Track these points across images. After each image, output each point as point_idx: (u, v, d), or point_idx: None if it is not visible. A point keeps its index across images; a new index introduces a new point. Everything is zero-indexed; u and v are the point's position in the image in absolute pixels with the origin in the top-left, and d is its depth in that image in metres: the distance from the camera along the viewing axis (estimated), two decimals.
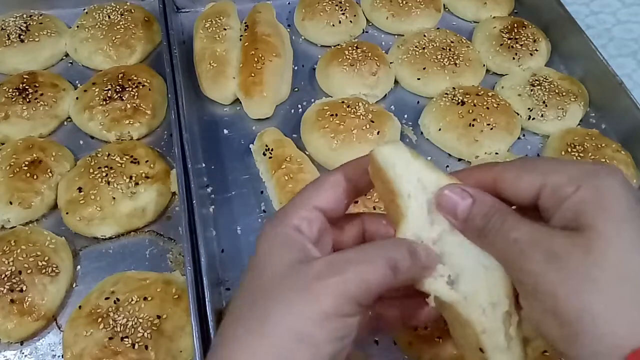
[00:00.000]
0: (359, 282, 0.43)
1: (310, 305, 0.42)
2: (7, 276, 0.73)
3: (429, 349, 0.71)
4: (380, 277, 0.43)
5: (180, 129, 0.84)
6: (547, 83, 1.00)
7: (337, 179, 0.50)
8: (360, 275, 0.43)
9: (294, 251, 0.46)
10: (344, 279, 0.43)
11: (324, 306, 0.42)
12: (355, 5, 1.14)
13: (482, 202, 0.46)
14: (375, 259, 0.44)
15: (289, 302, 0.42)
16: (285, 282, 0.44)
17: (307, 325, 0.41)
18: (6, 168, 0.85)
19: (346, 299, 0.42)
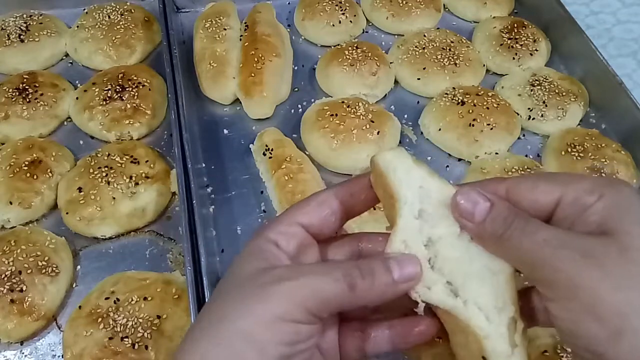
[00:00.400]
0: (312, 291, 0.44)
1: (263, 307, 0.43)
2: (7, 276, 0.73)
3: (429, 349, 0.71)
4: (335, 291, 0.44)
5: (180, 129, 0.84)
6: (547, 83, 1.00)
7: (325, 197, 0.51)
8: (314, 284, 0.44)
9: (262, 260, 0.47)
10: (298, 284, 0.43)
11: (274, 309, 0.43)
12: (355, 5, 1.15)
13: (501, 206, 0.46)
14: (331, 272, 0.45)
15: (243, 304, 0.44)
16: (244, 285, 0.45)
17: (256, 327, 0.42)
18: (6, 168, 0.85)
19: (297, 305, 0.43)
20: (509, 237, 0.44)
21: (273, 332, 0.42)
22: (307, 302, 0.43)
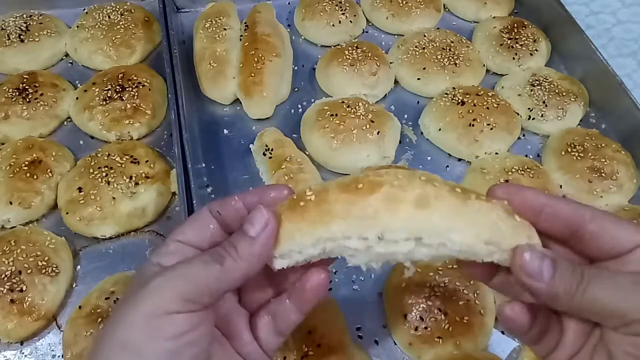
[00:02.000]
0: (184, 278, 0.44)
1: (134, 310, 0.43)
2: (7, 276, 0.73)
3: (429, 349, 0.71)
4: (206, 273, 0.44)
5: (180, 129, 0.84)
6: (547, 83, 1.00)
7: (199, 215, 0.51)
8: (184, 272, 0.44)
9: (142, 280, 0.46)
10: (168, 277, 0.44)
11: (146, 307, 0.42)
12: (355, 5, 1.15)
13: (565, 263, 0.44)
14: (199, 257, 0.45)
15: (118, 315, 0.44)
16: (122, 302, 0.45)
17: (131, 331, 0.42)
18: (6, 168, 0.85)
19: (171, 297, 0.43)
20: (584, 290, 0.43)
21: (149, 330, 0.42)
22: (181, 291, 0.43)
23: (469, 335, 0.71)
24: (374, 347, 0.74)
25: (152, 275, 0.44)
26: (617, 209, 0.85)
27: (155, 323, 0.42)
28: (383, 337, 0.74)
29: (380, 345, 0.74)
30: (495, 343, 0.75)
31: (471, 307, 0.72)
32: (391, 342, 0.74)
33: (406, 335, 0.72)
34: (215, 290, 0.45)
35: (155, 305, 0.42)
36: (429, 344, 0.71)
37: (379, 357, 0.73)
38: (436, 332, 0.71)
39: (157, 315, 0.42)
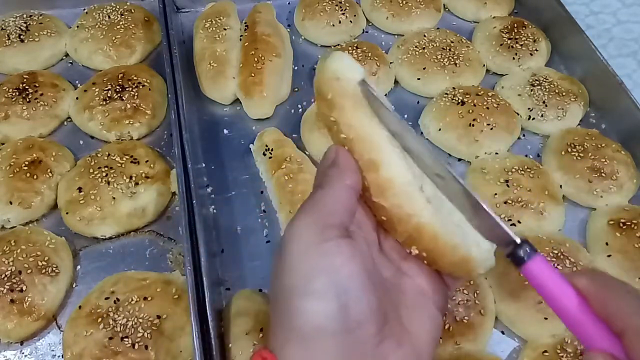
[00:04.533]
0: (310, 208, 0.45)
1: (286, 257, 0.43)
2: (7, 276, 0.73)
3: None
4: (320, 196, 0.45)
5: (180, 129, 0.84)
6: (547, 83, 1.00)
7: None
8: (308, 203, 0.45)
9: None
10: (302, 213, 0.45)
11: (293, 248, 0.43)
12: (355, 5, 1.14)
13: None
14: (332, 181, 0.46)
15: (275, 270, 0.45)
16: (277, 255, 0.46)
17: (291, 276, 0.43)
18: (6, 168, 0.85)
19: (310, 229, 0.43)
20: None
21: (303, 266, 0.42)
22: (319, 221, 0.44)
23: (469, 335, 0.71)
24: None
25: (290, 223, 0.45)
26: (617, 209, 0.85)
27: (311, 260, 0.42)
28: None
29: None
30: (495, 343, 0.75)
31: (471, 307, 0.72)
32: None
33: None
34: (336, 210, 0.45)
35: (301, 243, 0.43)
36: None
37: None
38: None
39: (308, 251, 0.43)
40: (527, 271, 0.45)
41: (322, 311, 0.41)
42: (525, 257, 0.45)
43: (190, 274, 0.70)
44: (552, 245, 0.78)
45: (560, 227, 0.86)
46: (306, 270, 0.42)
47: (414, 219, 0.47)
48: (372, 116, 0.48)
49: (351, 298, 0.42)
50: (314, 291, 0.41)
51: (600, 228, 0.83)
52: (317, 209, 0.45)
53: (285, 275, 0.43)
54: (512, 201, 0.83)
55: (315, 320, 0.41)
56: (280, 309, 0.43)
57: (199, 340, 0.64)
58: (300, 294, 0.42)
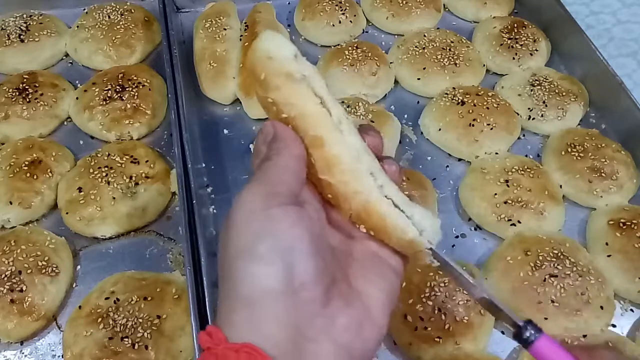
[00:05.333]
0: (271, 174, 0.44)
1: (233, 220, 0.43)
2: (7, 276, 0.73)
3: (429, 349, 0.71)
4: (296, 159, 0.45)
5: (180, 129, 0.85)
6: (547, 83, 1.00)
7: None
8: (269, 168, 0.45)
9: None
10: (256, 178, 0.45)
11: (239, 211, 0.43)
12: (355, 5, 1.14)
13: None
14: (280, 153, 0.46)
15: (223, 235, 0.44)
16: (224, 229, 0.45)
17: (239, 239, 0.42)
18: (6, 168, 0.85)
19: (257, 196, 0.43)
20: None
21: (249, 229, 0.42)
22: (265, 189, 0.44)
23: (469, 335, 0.71)
24: None
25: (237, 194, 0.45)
26: (617, 209, 0.85)
27: (257, 225, 0.42)
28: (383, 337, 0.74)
29: (380, 345, 0.74)
30: (495, 343, 0.75)
31: (471, 307, 0.72)
32: (391, 342, 0.74)
33: (406, 335, 0.71)
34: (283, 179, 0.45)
35: (247, 210, 0.43)
36: (429, 344, 0.71)
37: (378, 357, 0.73)
38: (436, 332, 0.71)
39: (254, 218, 0.42)
40: (536, 351, 0.46)
41: (267, 273, 0.40)
42: (532, 338, 0.46)
43: (190, 274, 0.70)
44: (552, 245, 0.78)
45: (560, 227, 0.86)
46: (251, 235, 0.42)
47: (361, 196, 0.46)
48: (310, 92, 0.47)
49: (296, 259, 0.41)
50: (259, 254, 0.41)
51: (600, 228, 0.83)
52: (266, 179, 0.44)
53: (230, 242, 0.42)
54: (512, 201, 0.83)
55: (260, 282, 0.40)
56: (225, 277, 0.42)
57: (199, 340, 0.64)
58: (245, 258, 0.41)
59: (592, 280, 0.75)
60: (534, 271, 0.75)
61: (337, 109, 0.47)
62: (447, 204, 0.89)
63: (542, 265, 0.76)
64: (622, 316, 0.78)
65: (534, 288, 0.74)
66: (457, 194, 0.89)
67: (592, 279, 0.75)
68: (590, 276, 0.75)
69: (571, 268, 0.75)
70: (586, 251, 0.81)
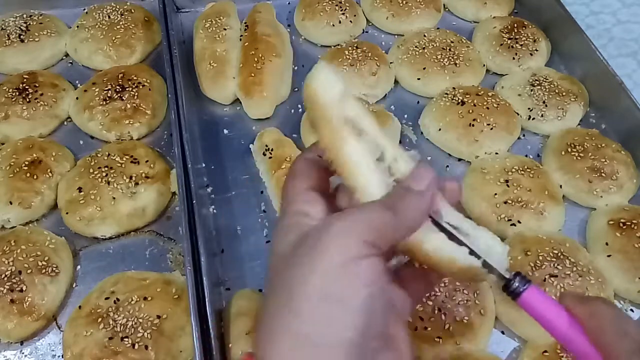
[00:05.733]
0: (364, 223, 0.43)
1: (323, 260, 0.41)
2: (7, 276, 0.73)
3: (429, 349, 0.71)
4: (382, 218, 0.43)
5: (180, 129, 0.84)
6: (547, 83, 1.00)
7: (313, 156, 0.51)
8: (363, 217, 0.43)
9: (297, 230, 0.45)
10: (349, 222, 0.42)
11: (333, 255, 0.41)
12: (355, 5, 1.15)
13: None
14: (372, 204, 0.45)
15: (303, 266, 0.41)
16: (291, 256, 0.43)
17: (325, 280, 0.40)
18: (6, 168, 0.85)
19: (357, 240, 0.41)
20: None
21: (348, 278, 0.40)
22: (365, 235, 0.42)
23: (469, 335, 0.71)
24: None
25: (330, 222, 0.43)
26: (617, 209, 0.85)
27: (351, 269, 0.41)
28: None
29: None
30: (495, 343, 0.75)
31: (471, 307, 0.72)
32: None
33: None
34: (390, 237, 0.44)
35: (344, 250, 0.41)
36: (429, 344, 0.71)
37: None
38: (436, 332, 0.71)
39: (347, 261, 0.41)
40: (524, 302, 0.47)
41: (351, 324, 0.40)
42: (520, 288, 0.47)
43: (190, 274, 0.70)
44: (552, 245, 0.78)
45: (560, 227, 0.86)
46: (339, 279, 0.40)
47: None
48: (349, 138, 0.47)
49: (377, 310, 0.41)
50: (349, 303, 0.40)
51: (600, 228, 0.83)
52: (375, 226, 0.43)
53: (314, 276, 0.40)
54: (512, 201, 0.83)
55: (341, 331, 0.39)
56: (297, 309, 0.40)
57: (199, 340, 0.64)
58: (329, 301, 0.40)
59: (592, 280, 0.75)
60: (534, 271, 0.75)
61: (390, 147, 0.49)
62: None
63: (542, 265, 0.76)
64: None
65: None
66: None
67: (592, 279, 0.75)
68: (590, 276, 0.75)
69: (571, 268, 0.75)
70: (586, 251, 0.81)
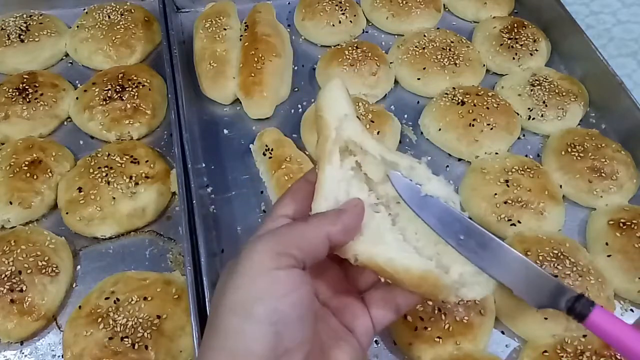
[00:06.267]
0: (273, 235, 0.46)
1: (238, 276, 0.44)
2: (7, 276, 0.73)
3: (429, 349, 0.71)
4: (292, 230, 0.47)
5: (180, 129, 0.85)
6: (547, 83, 1.00)
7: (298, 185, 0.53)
8: (274, 232, 0.47)
9: None
10: (260, 238, 0.46)
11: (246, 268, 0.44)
12: (355, 5, 1.15)
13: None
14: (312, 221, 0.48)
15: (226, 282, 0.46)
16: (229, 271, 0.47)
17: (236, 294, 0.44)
18: (6, 168, 0.85)
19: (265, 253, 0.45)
20: None
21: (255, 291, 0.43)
22: (272, 246, 0.45)
23: (469, 335, 0.71)
24: (374, 347, 0.74)
25: (250, 240, 0.46)
26: (617, 209, 0.85)
27: (260, 283, 0.43)
28: (383, 337, 0.74)
29: (380, 345, 0.74)
30: (495, 343, 0.75)
31: (471, 307, 0.72)
32: (391, 342, 0.74)
33: (406, 335, 0.71)
34: (301, 245, 0.46)
35: (255, 263, 0.44)
36: (429, 344, 0.71)
37: (378, 357, 0.73)
38: (436, 332, 0.71)
39: (259, 274, 0.43)
40: (591, 324, 0.48)
41: (257, 337, 0.42)
42: (586, 311, 0.48)
43: (190, 274, 0.70)
44: (552, 245, 0.78)
45: (560, 227, 0.86)
46: (252, 292, 0.43)
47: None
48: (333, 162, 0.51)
49: (287, 326, 0.43)
50: (254, 315, 0.42)
51: (600, 228, 0.83)
52: (285, 240, 0.46)
53: (229, 292, 0.44)
54: (512, 201, 0.83)
55: (248, 344, 0.42)
56: (216, 324, 0.44)
57: (199, 340, 0.64)
58: (240, 315, 0.43)
59: (592, 280, 0.75)
60: None
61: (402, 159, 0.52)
62: None
63: (542, 265, 0.76)
64: (622, 316, 0.78)
65: None
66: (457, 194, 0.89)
67: (592, 279, 0.75)
68: (590, 276, 0.75)
69: (571, 268, 0.75)
70: (586, 251, 0.81)
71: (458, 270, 0.51)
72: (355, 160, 0.53)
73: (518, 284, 0.51)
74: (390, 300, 0.54)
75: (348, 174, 0.52)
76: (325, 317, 0.52)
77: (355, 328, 0.53)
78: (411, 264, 0.49)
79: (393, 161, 0.52)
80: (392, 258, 0.49)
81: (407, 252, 0.51)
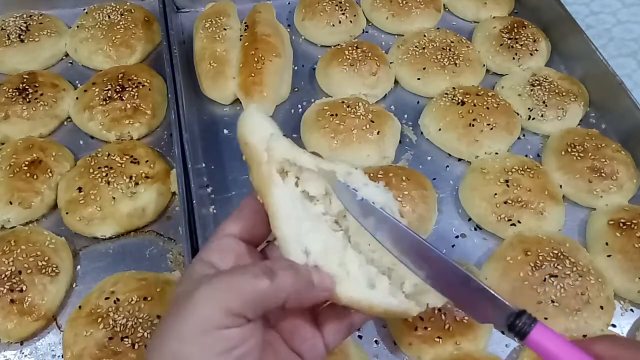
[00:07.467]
0: (230, 289, 0.43)
1: (182, 324, 0.42)
2: (7, 276, 0.73)
3: (429, 349, 0.71)
4: (255, 287, 0.43)
5: (180, 129, 0.85)
6: (547, 83, 1.00)
7: (247, 201, 0.51)
8: (232, 284, 0.43)
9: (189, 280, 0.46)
10: (214, 288, 0.43)
11: (194, 321, 0.41)
12: (355, 5, 1.15)
13: None
14: (250, 269, 0.44)
15: (168, 326, 0.42)
16: (171, 309, 0.44)
17: (180, 345, 0.41)
18: (6, 168, 0.85)
19: (220, 309, 0.42)
20: None
21: (200, 346, 0.41)
22: (228, 306, 0.42)
23: (469, 335, 0.71)
24: (374, 347, 0.74)
25: (200, 282, 0.43)
26: (617, 209, 0.85)
27: (206, 339, 0.41)
28: (383, 337, 0.74)
29: (380, 345, 0.74)
30: (495, 343, 0.75)
31: None
32: (391, 342, 0.74)
33: (406, 335, 0.71)
34: (261, 306, 0.44)
35: (203, 319, 0.42)
36: (429, 344, 0.71)
37: (378, 357, 0.73)
38: (436, 332, 0.71)
39: (206, 330, 0.41)
40: (531, 341, 0.45)
41: None
42: (527, 328, 0.45)
43: None
44: (552, 245, 0.78)
45: (560, 227, 0.86)
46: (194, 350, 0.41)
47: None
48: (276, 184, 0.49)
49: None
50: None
51: (600, 228, 0.83)
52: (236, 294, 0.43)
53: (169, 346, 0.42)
54: (512, 201, 0.83)
55: None
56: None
57: None
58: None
59: (592, 280, 0.75)
60: (534, 271, 0.75)
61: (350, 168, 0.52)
62: (447, 204, 0.89)
63: (542, 265, 0.76)
64: (622, 316, 0.78)
65: (534, 288, 0.74)
66: (457, 194, 0.89)
67: (592, 279, 0.75)
68: (590, 276, 0.75)
69: (571, 268, 0.75)
70: (586, 251, 0.81)
71: (413, 281, 0.50)
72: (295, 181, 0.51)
73: (459, 298, 0.49)
74: (344, 317, 0.52)
75: (296, 192, 0.51)
76: (274, 344, 0.50)
77: (305, 353, 0.51)
78: (390, 303, 0.49)
79: (330, 169, 0.51)
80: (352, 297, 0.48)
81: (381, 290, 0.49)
